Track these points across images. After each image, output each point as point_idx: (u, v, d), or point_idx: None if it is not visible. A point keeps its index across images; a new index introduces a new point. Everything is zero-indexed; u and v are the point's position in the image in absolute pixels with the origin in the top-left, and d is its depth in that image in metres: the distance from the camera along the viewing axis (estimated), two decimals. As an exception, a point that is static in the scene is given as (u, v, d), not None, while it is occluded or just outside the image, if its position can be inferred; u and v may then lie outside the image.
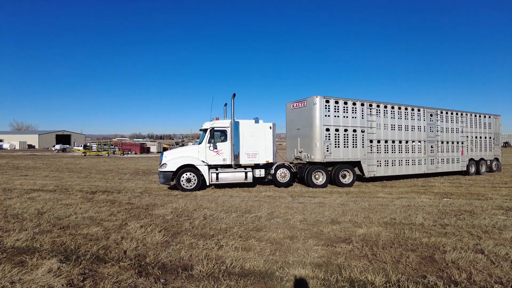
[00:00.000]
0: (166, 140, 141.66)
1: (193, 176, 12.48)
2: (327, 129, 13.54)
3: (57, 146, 62.74)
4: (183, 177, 12.39)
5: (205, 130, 12.97)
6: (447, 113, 17.49)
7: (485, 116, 19.41)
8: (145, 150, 56.20)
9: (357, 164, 14.32)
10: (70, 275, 4.37)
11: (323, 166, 13.70)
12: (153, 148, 58.59)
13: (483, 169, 19.12)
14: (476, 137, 18.85)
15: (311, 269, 4.60)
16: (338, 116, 13.84)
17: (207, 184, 12.75)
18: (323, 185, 13.58)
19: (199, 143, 13.06)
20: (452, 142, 17.62)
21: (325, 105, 13.54)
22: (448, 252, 5.26)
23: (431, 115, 16.80)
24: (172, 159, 12.57)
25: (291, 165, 13.78)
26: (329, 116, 13.62)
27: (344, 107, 13.98)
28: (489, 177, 17.37)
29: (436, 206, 9.15)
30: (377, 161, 14.77)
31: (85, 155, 45.91)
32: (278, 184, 13.37)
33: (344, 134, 13.94)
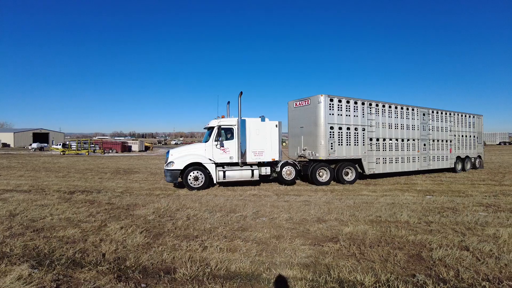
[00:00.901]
0: (148, 139, 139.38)
1: (201, 174, 12.29)
2: (331, 127, 13.70)
3: (34, 145, 60.38)
4: (190, 175, 12.18)
5: (211, 128, 12.93)
6: (437, 112, 18.08)
7: (469, 116, 20.15)
8: (126, 148, 54.94)
9: (358, 161, 14.54)
10: (42, 282, 4.07)
11: (327, 163, 13.86)
12: (135, 147, 57.33)
13: (468, 166, 19.73)
14: (462, 136, 19.53)
15: (299, 270, 4.47)
16: (341, 115, 14.02)
17: (214, 182, 12.55)
18: (327, 182, 13.68)
19: (204, 141, 12.94)
20: (442, 141, 18.19)
21: (329, 104, 13.70)
22: (434, 249, 5.25)
23: (424, 114, 17.28)
24: (179, 157, 12.36)
25: (296, 162, 13.77)
26: (333, 114, 13.77)
27: (346, 105, 14.20)
28: (468, 174, 17.82)
29: (420, 204, 9.24)
30: (376, 158, 15.07)
31: (64, 154, 44.40)
32: (284, 182, 13.39)
33: (347, 132, 14.16)
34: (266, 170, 13.24)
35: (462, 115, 19.59)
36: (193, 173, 12.21)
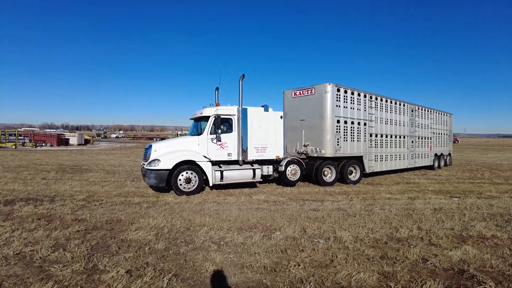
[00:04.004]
0: (84, 131, 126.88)
1: (194, 175, 9.70)
2: (338, 121, 12.07)
3: None
4: (181, 176, 9.53)
5: (202, 119, 10.54)
6: (422, 109, 17.62)
7: (443, 114, 20.21)
8: (63, 142, 47.90)
9: (359, 159, 13.17)
10: None
11: (333, 161, 12.25)
12: (73, 140, 50.35)
13: (442, 163, 19.89)
14: (439, 134, 19.51)
15: None
16: (346, 107, 12.45)
17: (210, 184, 10.04)
18: (332, 183, 12.05)
19: (191, 135, 10.48)
20: (424, 138, 17.81)
21: (337, 94, 12.01)
22: None
23: (412, 111, 16.64)
24: (167, 154, 9.61)
25: (301, 160, 11.86)
26: (339, 106, 12.13)
27: (351, 97, 12.70)
28: (447, 172, 17.69)
29: (465, 209, 7.94)
30: (375, 156, 13.90)
31: (-19, 147, 36.80)
32: (288, 183, 11.44)
33: (351, 127, 12.68)
34: (268, 170, 11.16)
35: (439, 113, 19.62)
36: (185, 173, 9.61)
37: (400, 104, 15.71)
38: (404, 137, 15.96)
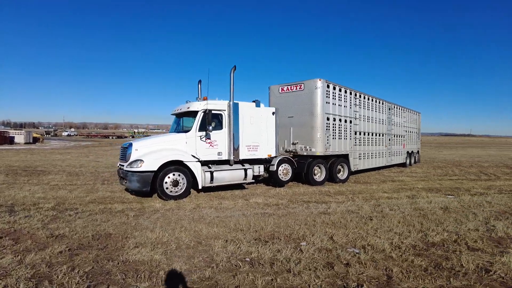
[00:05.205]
0: (31, 129, 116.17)
1: (182, 177, 8.62)
2: (328, 118, 11.64)
3: None
4: (167, 178, 8.41)
5: (186, 114, 9.64)
6: (397, 108, 17.89)
7: (414, 113, 20.87)
8: (7, 140, 42.79)
9: (345, 157, 12.86)
10: None
11: (323, 160, 11.82)
12: (19, 138, 45.29)
13: (413, 160, 20.53)
14: (410, 132, 20.07)
15: None
16: (335, 104, 12.09)
17: (199, 187, 8.99)
18: (322, 182, 11.62)
19: (172, 132, 9.56)
20: (399, 136, 18.11)
21: (326, 91, 11.55)
22: None
23: (389, 109, 16.78)
24: (151, 153, 8.44)
25: (292, 159, 11.22)
26: (328, 103, 11.72)
27: (339, 94, 12.37)
28: (419, 169, 18.25)
29: (468, 208, 7.86)
30: (359, 154, 13.72)
31: None
32: (280, 183, 10.76)
33: (339, 124, 12.38)
34: (260, 169, 10.40)
35: (410, 112, 20.18)
36: (172, 175, 8.52)
37: (379, 102, 15.79)
38: (382, 135, 16.09)
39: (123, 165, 8.74)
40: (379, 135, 15.72)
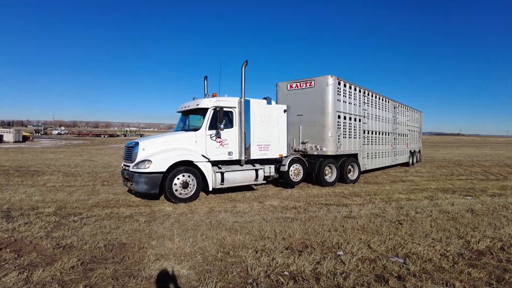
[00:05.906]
0: (20, 127, 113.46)
1: (192, 178, 8.10)
2: (339, 116, 11.24)
3: None
4: (177, 180, 7.88)
5: (194, 112, 9.19)
6: (402, 106, 17.64)
7: (416, 112, 20.69)
8: (-6, 139, 41.62)
9: (355, 156, 12.51)
10: None
11: (334, 159, 11.41)
12: (8, 137, 43.87)
13: (415, 160, 20.34)
14: (413, 131, 19.89)
15: None
16: (345, 102, 11.73)
17: (210, 188, 8.46)
18: (333, 183, 11.22)
19: (177, 130, 9.07)
20: (403, 135, 17.87)
21: (337, 88, 11.14)
22: None
23: (394, 108, 16.52)
24: (159, 153, 7.89)
25: (303, 159, 10.76)
26: (339, 101, 11.35)
27: (349, 92, 12.01)
28: (423, 168, 18.05)
29: (495, 211, 7.53)
30: (367, 153, 13.37)
31: None
32: (290, 184, 10.33)
33: (349, 123, 12.01)
34: (270, 170, 9.93)
35: (413, 111, 19.99)
36: (181, 176, 7.98)
37: (385, 101, 15.51)
38: (388, 134, 15.81)
39: (128, 166, 8.17)
40: (386, 134, 15.43)
